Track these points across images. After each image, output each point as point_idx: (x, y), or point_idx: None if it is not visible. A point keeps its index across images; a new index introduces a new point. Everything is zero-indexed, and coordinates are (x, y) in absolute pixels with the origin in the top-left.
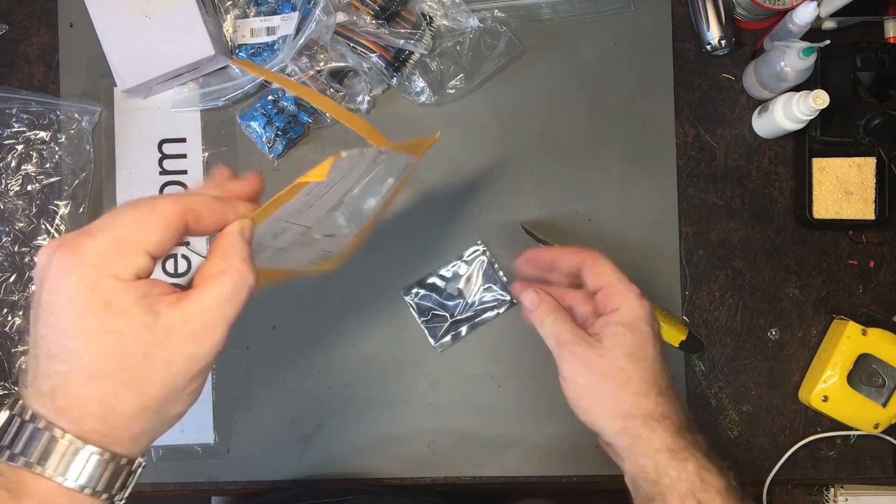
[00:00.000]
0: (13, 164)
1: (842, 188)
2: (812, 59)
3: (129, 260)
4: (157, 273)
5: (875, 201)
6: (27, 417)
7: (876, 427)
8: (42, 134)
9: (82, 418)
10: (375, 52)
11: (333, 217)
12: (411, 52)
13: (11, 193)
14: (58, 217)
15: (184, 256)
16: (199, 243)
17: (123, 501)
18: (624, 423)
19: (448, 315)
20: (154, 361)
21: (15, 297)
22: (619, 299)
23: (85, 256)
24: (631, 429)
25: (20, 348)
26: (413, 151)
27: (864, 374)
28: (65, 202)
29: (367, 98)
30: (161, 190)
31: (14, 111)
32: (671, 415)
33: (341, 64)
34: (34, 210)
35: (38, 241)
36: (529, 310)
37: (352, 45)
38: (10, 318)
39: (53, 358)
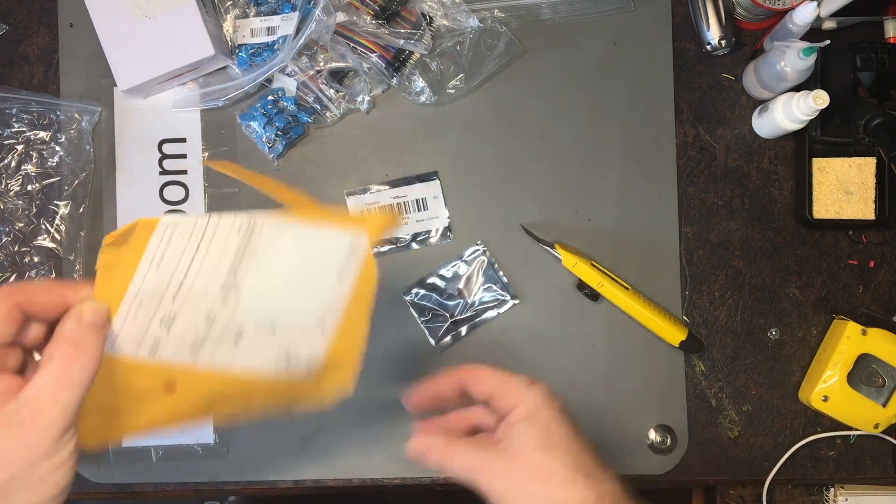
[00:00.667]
0: (13, 164)
1: (842, 188)
2: (812, 59)
3: None
4: None
5: (875, 201)
6: None
7: (876, 427)
8: (42, 134)
9: None
10: (375, 52)
11: (237, 301)
12: (411, 52)
13: (11, 193)
14: (58, 217)
15: None
16: None
17: None
18: None
19: (448, 315)
20: None
21: None
22: (510, 398)
23: None
24: None
25: None
26: (359, 227)
27: (864, 374)
28: (65, 202)
29: (366, 98)
30: (161, 190)
31: (14, 111)
32: (606, 493)
33: (341, 64)
34: (34, 210)
35: (38, 241)
36: (423, 461)
37: (352, 45)
38: None
39: None
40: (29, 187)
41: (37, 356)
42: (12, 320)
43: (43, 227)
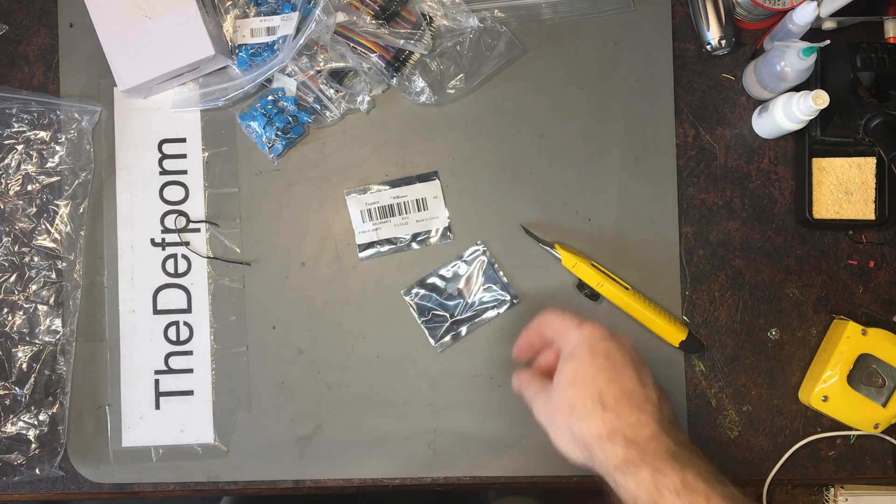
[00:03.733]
0: (13, 163)
1: (842, 188)
2: (812, 59)
3: None
4: (157, 272)
5: (875, 201)
6: None
7: (876, 427)
8: (42, 134)
9: None
10: (375, 52)
11: None
12: (411, 52)
13: (11, 193)
14: (58, 217)
15: (183, 256)
16: (199, 243)
17: None
18: (582, 448)
19: (448, 315)
20: None
21: (15, 297)
22: (563, 338)
23: None
24: (589, 452)
25: (21, 348)
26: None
27: (863, 374)
28: (65, 202)
29: (366, 98)
30: (161, 190)
31: (14, 111)
32: (621, 427)
33: (341, 64)
34: (34, 210)
35: (39, 241)
36: (520, 394)
37: (352, 45)
38: (10, 317)
39: None
40: (29, 187)
41: None
42: None
43: (43, 226)
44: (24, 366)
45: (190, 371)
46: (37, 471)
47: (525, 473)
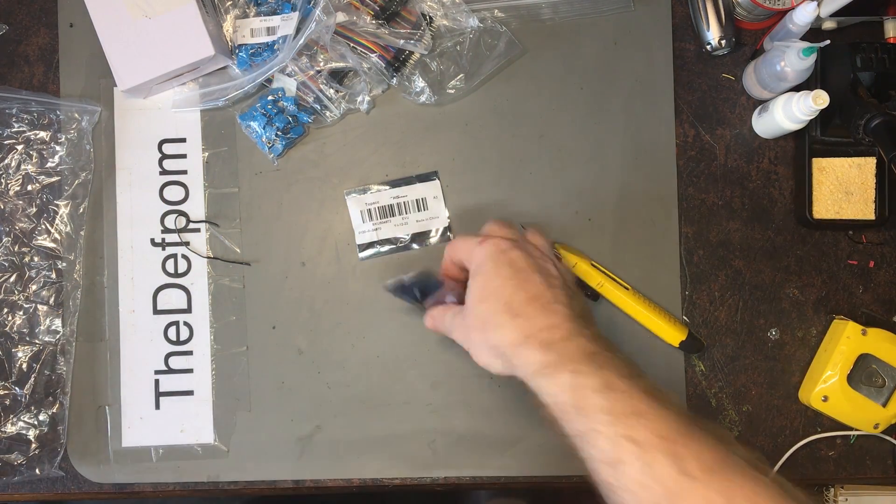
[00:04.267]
0: (13, 163)
1: (842, 188)
2: (812, 59)
3: None
4: (157, 272)
5: (875, 201)
6: None
7: (876, 427)
8: (42, 134)
9: None
10: (375, 52)
11: None
12: (411, 52)
13: (11, 193)
14: (58, 217)
15: (183, 256)
16: (199, 243)
17: None
18: (501, 361)
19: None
20: None
21: (15, 297)
22: (469, 257)
23: None
24: (509, 361)
25: (20, 348)
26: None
27: (864, 374)
28: (65, 202)
29: (366, 98)
30: (161, 190)
31: (14, 111)
32: (534, 332)
33: (341, 64)
34: (34, 210)
35: (38, 241)
36: (435, 331)
37: (352, 45)
38: (10, 317)
39: None
40: (29, 187)
41: None
42: None
43: (43, 226)
44: (24, 366)
45: (190, 371)
46: (37, 471)
47: (525, 473)
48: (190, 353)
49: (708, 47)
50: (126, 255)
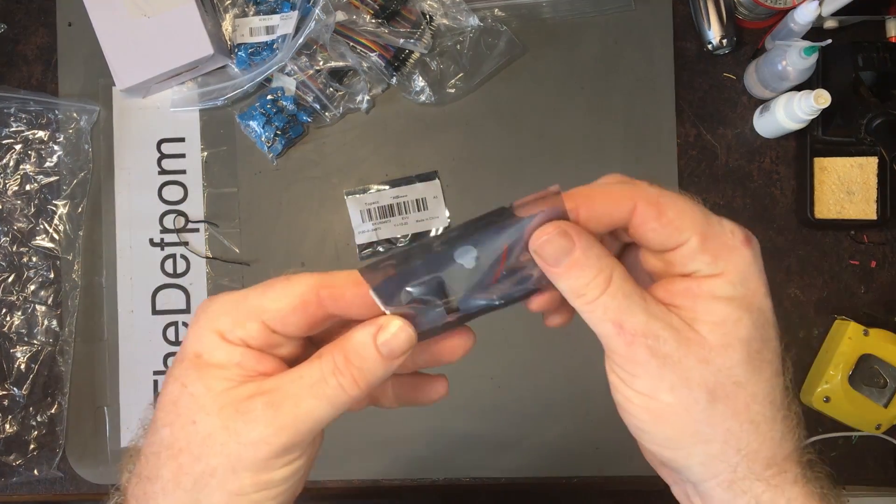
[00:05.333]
0: (12, 163)
1: (843, 188)
2: (813, 58)
3: (239, 320)
4: (156, 273)
5: (877, 201)
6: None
7: (878, 428)
8: (41, 133)
9: None
10: (375, 52)
11: None
12: (411, 52)
13: (10, 193)
14: (56, 217)
15: (182, 256)
16: (198, 243)
17: None
18: (735, 471)
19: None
20: (198, 429)
21: (14, 298)
22: (720, 254)
23: (208, 309)
24: (745, 482)
25: (19, 348)
26: None
27: (865, 374)
28: (63, 202)
29: (366, 97)
30: (160, 189)
31: (12, 111)
32: (793, 452)
33: (341, 63)
34: (33, 210)
35: (37, 241)
36: (552, 266)
37: (351, 44)
38: (8, 318)
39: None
40: (27, 187)
41: None
42: (305, 314)
43: (41, 226)
44: (23, 366)
45: None
46: (35, 472)
47: (525, 473)
48: None
49: (709, 46)
50: (125, 255)
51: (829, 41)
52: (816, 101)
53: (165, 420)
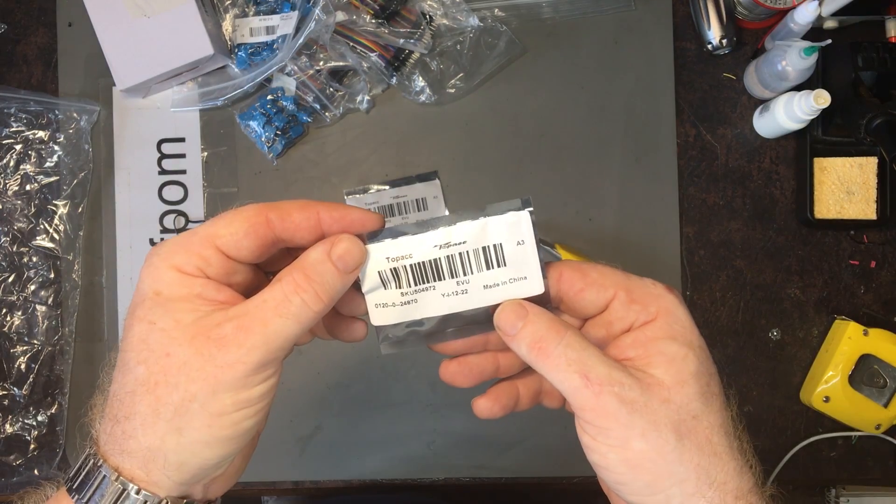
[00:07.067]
0: (12, 163)
1: (843, 188)
2: (813, 58)
3: (194, 251)
4: None
5: (877, 201)
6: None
7: (878, 428)
8: (41, 133)
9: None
10: (375, 52)
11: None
12: (411, 52)
13: (10, 193)
14: (56, 217)
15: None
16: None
17: None
18: None
19: None
20: (172, 360)
21: (14, 298)
22: (648, 301)
23: (160, 251)
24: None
25: (19, 348)
26: None
27: (865, 374)
28: (63, 202)
29: (366, 98)
30: (160, 190)
31: (12, 111)
32: (755, 486)
33: (341, 63)
34: (33, 210)
35: (37, 241)
36: (510, 333)
37: (351, 44)
38: (8, 318)
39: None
40: (28, 187)
41: None
42: (256, 236)
43: (42, 226)
44: (23, 366)
45: None
46: (35, 472)
47: (525, 474)
48: None
49: (709, 46)
50: (125, 255)
51: (829, 41)
52: (816, 101)
53: (138, 358)
